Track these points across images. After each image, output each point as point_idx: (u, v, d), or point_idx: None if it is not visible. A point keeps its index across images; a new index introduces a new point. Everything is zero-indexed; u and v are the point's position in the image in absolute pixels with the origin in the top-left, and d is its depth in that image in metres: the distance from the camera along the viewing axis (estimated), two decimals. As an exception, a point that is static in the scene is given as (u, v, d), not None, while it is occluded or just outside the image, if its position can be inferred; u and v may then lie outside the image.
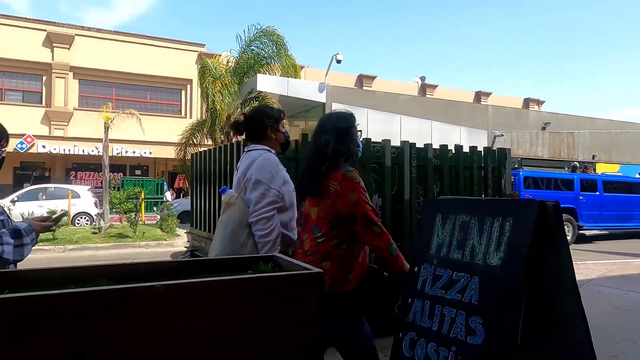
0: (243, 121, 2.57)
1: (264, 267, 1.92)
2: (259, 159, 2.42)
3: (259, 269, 1.86)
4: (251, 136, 2.56)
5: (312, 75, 22.86)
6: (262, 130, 2.52)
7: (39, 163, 22.69)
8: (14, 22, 21.78)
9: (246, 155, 2.52)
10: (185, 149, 16.41)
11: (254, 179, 2.37)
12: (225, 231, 2.35)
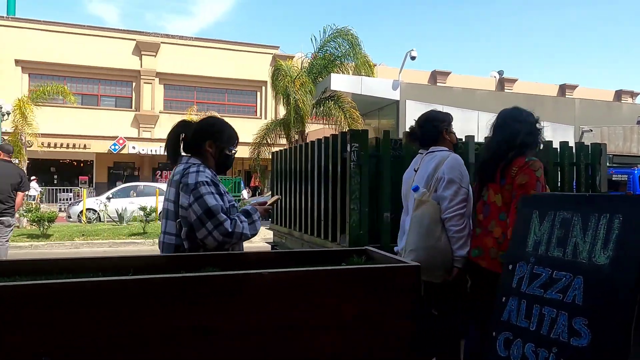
0: (417, 128, 2.80)
1: (357, 259, 1.96)
2: (449, 159, 2.59)
3: (352, 262, 1.91)
4: (427, 140, 2.77)
5: (384, 73, 22.67)
6: (438, 134, 2.74)
7: (129, 163, 24.52)
8: (107, 33, 23.68)
9: (430, 156, 2.70)
10: (259, 149, 16.95)
11: (447, 177, 2.53)
12: (421, 227, 2.52)
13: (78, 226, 13.43)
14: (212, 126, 2.31)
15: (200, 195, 2.03)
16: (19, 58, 21.97)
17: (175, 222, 2.13)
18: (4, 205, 5.92)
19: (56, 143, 20.96)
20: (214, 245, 2.01)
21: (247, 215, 2.18)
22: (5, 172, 5.97)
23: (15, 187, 6.01)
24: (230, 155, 2.33)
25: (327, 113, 15.20)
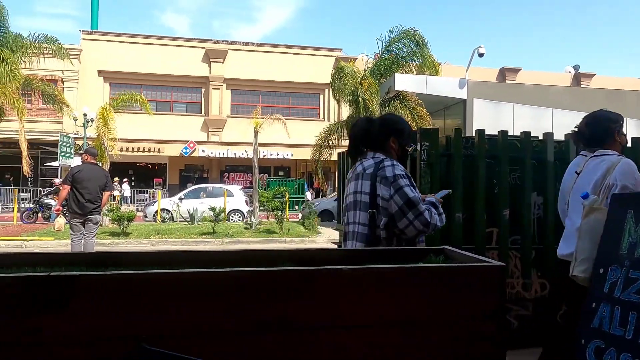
0: (584, 127, 2.70)
1: (434, 258, 1.92)
2: (621, 165, 2.48)
3: (430, 261, 1.87)
4: (595, 142, 2.64)
5: (449, 71, 22.09)
6: (609, 136, 2.61)
7: (198, 166, 25.64)
8: (178, 42, 24.93)
9: (597, 160, 2.58)
10: (320, 150, 17.08)
11: (620, 184, 2.42)
12: (594, 236, 2.42)
13: (153, 225, 14.22)
14: (396, 123, 2.41)
15: (400, 187, 2.15)
16: (102, 69, 23.66)
17: (367, 212, 2.22)
18: (93, 204, 6.40)
19: (133, 147, 22.34)
20: (414, 234, 2.16)
21: (435, 207, 2.27)
22: (93, 174, 6.45)
23: (102, 187, 6.49)
24: (409, 151, 2.43)
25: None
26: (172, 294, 1.30)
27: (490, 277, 1.55)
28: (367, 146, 2.36)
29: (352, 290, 1.44)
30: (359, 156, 2.39)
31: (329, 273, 1.44)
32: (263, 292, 1.36)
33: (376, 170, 2.21)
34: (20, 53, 17.12)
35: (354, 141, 2.41)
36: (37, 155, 21.85)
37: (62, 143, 16.69)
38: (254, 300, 1.34)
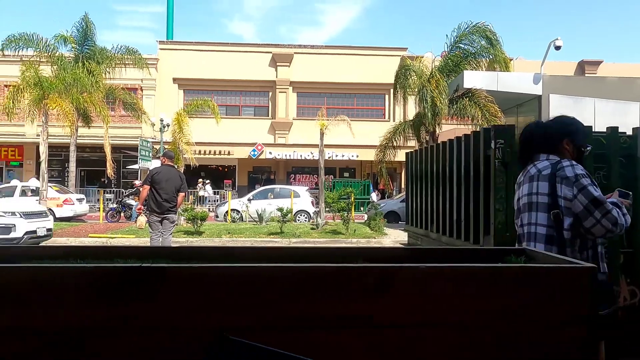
0: None
1: (514, 259, 1.85)
2: None
3: (510, 261, 1.80)
4: None
5: (521, 67, 21.07)
6: None
7: (266, 167, 26.31)
8: (246, 48, 25.76)
9: None
10: (384, 151, 16.90)
11: None
12: None
13: (224, 225, 14.79)
14: (570, 125, 2.41)
15: (583, 186, 2.15)
16: (176, 76, 24.98)
17: (547, 213, 2.24)
18: (169, 204, 6.78)
19: (205, 150, 23.36)
20: (602, 233, 2.14)
21: (618, 208, 2.22)
22: (169, 175, 6.83)
23: (177, 188, 6.85)
24: (585, 153, 2.41)
25: (461, 111, 14.58)
26: (255, 287, 1.35)
27: (578, 279, 1.47)
28: (539, 149, 2.36)
29: (430, 289, 1.42)
30: (529, 160, 2.39)
31: (410, 271, 1.43)
32: (344, 288, 1.37)
33: (554, 170, 2.22)
34: (105, 64, 18.50)
35: (525, 145, 2.43)
36: (119, 158, 23.46)
37: (141, 147, 17.79)
38: (335, 296, 1.36)
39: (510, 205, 3.54)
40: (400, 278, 1.39)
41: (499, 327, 1.43)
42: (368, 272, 1.39)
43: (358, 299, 1.36)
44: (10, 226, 9.10)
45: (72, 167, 18.71)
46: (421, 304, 1.40)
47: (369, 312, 1.36)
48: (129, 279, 1.33)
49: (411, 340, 1.39)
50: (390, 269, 1.41)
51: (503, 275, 1.47)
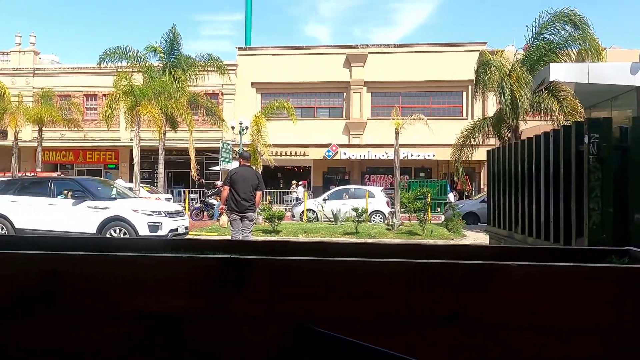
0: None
1: (615, 259, 1.70)
2: None
3: (611, 262, 1.66)
4: None
5: (616, 56, 19.35)
6: None
7: (340, 168, 26.47)
8: (320, 50, 26.10)
9: None
10: (460, 150, 16.30)
11: None
12: None
13: (300, 224, 15.08)
14: None
15: None
16: (254, 81, 25.89)
17: None
18: (248, 202, 7.03)
19: (281, 152, 23.99)
20: None
21: None
22: (247, 175, 7.08)
23: (254, 187, 7.07)
24: None
25: (539, 105, 13.70)
26: (340, 281, 1.36)
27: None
28: None
29: (525, 288, 1.35)
30: None
31: (496, 268, 1.37)
32: (431, 285, 1.35)
33: None
34: (190, 72, 19.63)
35: None
36: (202, 160, 24.76)
37: (222, 149, 18.65)
38: (420, 292, 1.34)
39: (607, 205, 3.27)
40: (490, 276, 1.34)
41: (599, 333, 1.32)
42: (455, 268, 1.35)
43: (443, 295, 1.33)
44: (158, 224, 9.93)
45: (161, 169, 20.04)
46: (512, 304, 1.33)
47: (455, 309, 1.33)
48: (220, 269, 1.40)
49: (503, 343, 1.33)
50: (480, 266, 1.36)
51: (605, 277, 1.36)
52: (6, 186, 11.15)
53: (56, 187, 10.65)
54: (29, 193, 10.68)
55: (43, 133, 21.52)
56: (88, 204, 9.99)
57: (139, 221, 9.77)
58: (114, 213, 9.86)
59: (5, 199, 10.45)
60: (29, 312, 1.36)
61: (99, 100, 26.12)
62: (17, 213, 10.24)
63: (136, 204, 10.79)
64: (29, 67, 26.93)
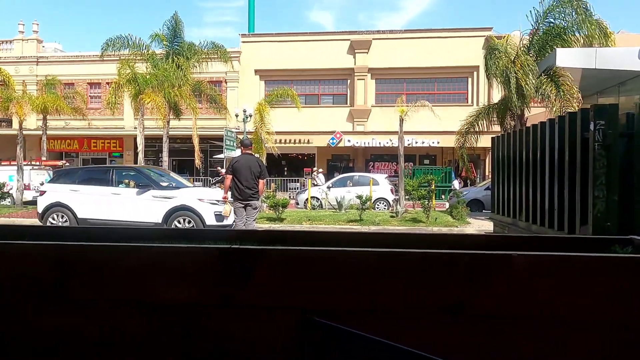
0: None
1: (619, 249, 1.70)
2: None
3: (615, 251, 1.66)
4: None
5: (625, 41, 19.07)
6: None
7: (344, 155, 26.42)
8: (324, 37, 25.87)
9: None
10: (465, 137, 16.21)
11: None
12: None
13: (304, 212, 15.11)
14: None
15: None
16: (258, 68, 25.75)
17: None
18: (251, 190, 7.03)
19: (285, 139, 23.95)
20: None
21: None
22: (249, 163, 7.06)
23: (257, 175, 7.05)
24: None
25: (537, 90, 13.54)
26: (342, 270, 1.36)
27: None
28: None
29: (528, 278, 1.35)
30: None
31: (497, 258, 1.37)
32: (436, 275, 1.34)
33: None
34: (194, 60, 19.53)
35: None
36: (206, 148, 24.75)
37: (226, 137, 18.62)
38: (425, 282, 1.33)
39: (612, 193, 3.24)
40: (494, 265, 1.34)
41: (603, 325, 1.32)
42: (461, 257, 1.35)
43: (447, 285, 1.33)
44: None
45: (165, 157, 20.06)
46: (516, 294, 1.33)
47: (459, 300, 1.32)
48: (225, 259, 1.40)
49: (507, 333, 1.33)
50: (484, 256, 1.35)
51: (608, 266, 1.35)
52: (66, 175, 10.95)
53: (117, 176, 10.39)
54: (90, 182, 10.38)
55: (47, 121, 21.57)
56: (153, 194, 9.74)
57: (205, 211, 9.50)
58: (180, 202, 9.59)
59: (66, 188, 10.16)
60: (39, 302, 1.37)
61: (103, 89, 26.09)
62: (79, 203, 9.96)
63: (201, 192, 10.56)
64: (33, 55, 26.88)
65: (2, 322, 1.40)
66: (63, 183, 10.34)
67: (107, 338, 1.39)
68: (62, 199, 10.04)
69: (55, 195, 10.11)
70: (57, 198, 10.06)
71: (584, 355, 1.30)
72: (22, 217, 13.80)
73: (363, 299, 1.34)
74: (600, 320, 1.32)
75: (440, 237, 1.87)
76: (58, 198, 10.05)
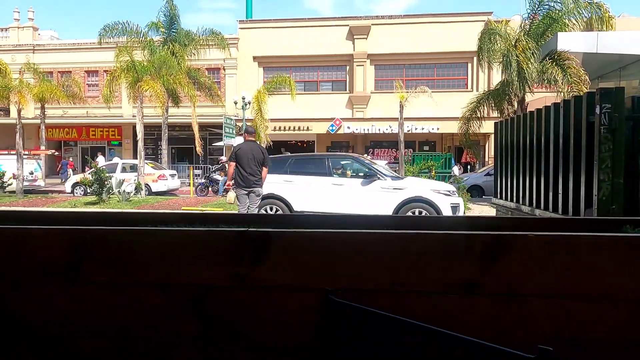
0: None
1: (630, 229, 1.71)
2: None
3: (626, 232, 1.67)
4: None
5: (626, 25, 18.97)
6: None
7: (344, 142, 26.37)
8: (323, 22, 25.65)
9: None
10: (468, 123, 16.19)
11: None
12: None
13: (305, 199, 15.10)
14: None
15: None
16: (256, 55, 25.56)
17: None
18: (254, 177, 7.05)
19: (284, 126, 23.89)
20: None
21: None
22: (252, 150, 7.06)
23: (260, 162, 7.07)
24: None
25: (542, 75, 13.47)
26: (357, 252, 1.37)
27: None
28: None
29: (543, 258, 1.36)
30: None
31: (515, 239, 1.38)
32: (451, 255, 1.36)
33: None
34: (191, 47, 19.38)
35: None
36: (206, 136, 24.70)
37: (225, 125, 18.58)
38: (440, 263, 1.35)
39: (617, 176, 3.26)
40: (509, 246, 1.35)
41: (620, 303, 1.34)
42: (476, 238, 1.36)
43: (467, 265, 1.34)
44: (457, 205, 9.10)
45: (164, 145, 20.03)
46: (531, 275, 1.35)
47: (475, 280, 1.34)
48: (241, 241, 1.41)
49: (519, 312, 1.35)
50: (499, 237, 1.37)
51: (625, 246, 1.37)
52: (277, 164, 9.68)
53: (334, 164, 9.57)
54: (305, 172, 9.47)
55: (45, 110, 21.45)
56: (381, 184, 8.94)
57: (441, 202, 8.72)
58: (414, 194, 8.84)
59: (279, 178, 9.24)
60: (56, 285, 1.39)
61: (100, 77, 25.92)
62: (294, 194, 9.17)
63: (432, 184, 9.95)
64: (29, 43, 26.64)
65: (21, 304, 1.42)
66: (277, 173, 9.24)
67: (123, 321, 1.41)
68: (276, 190, 9.15)
69: (267, 187, 8.61)
70: (271, 189, 8.99)
71: (602, 332, 1.33)
72: (22, 207, 13.80)
73: (383, 279, 1.35)
74: (615, 299, 1.34)
75: (456, 220, 1.89)
76: (271, 189, 9.03)
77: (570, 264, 1.35)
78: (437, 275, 1.33)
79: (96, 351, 1.44)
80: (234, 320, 1.41)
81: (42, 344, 1.44)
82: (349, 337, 1.34)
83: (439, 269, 1.34)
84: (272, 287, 1.39)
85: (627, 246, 1.36)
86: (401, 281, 1.34)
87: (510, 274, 1.35)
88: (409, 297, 1.34)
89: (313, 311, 1.37)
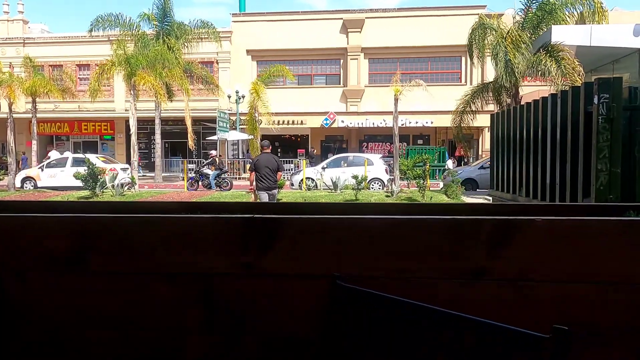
0: None
1: (633, 214, 1.72)
2: None
3: (629, 217, 1.68)
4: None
5: (619, 19, 19.05)
6: None
7: (338, 136, 26.36)
8: (317, 16, 25.54)
9: None
10: (461, 117, 16.23)
11: None
12: None
13: (300, 192, 15.13)
14: None
15: None
16: (249, 48, 25.42)
17: None
18: (270, 181, 8.44)
19: (278, 120, 23.81)
20: None
21: None
22: (266, 161, 8.47)
23: (275, 169, 8.51)
24: None
25: (537, 67, 13.48)
26: (364, 237, 1.37)
27: None
28: None
29: (550, 243, 1.36)
30: None
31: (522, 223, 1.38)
32: (459, 240, 1.35)
33: None
34: (183, 39, 19.23)
35: None
36: (199, 130, 24.56)
37: (219, 119, 18.50)
38: (448, 248, 1.35)
39: (615, 165, 3.28)
40: (516, 231, 1.35)
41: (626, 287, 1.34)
42: (483, 223, 1.36)
43: (473, 250, 1.34)
44: None
45: (158, 139, 19.90)
46: (538, 259, 1.35)
47: (482, 265, 1.34)
48: (248, 228, 1.40)
49: (526, 296, 1.35)
50: (506, 221, 1.37)
51: (630, 230, 1.37)
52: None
53: None
54: None
55: (37, 104, 21.22)
56: None
57: None
58: None
59: None
60: (62, 274, 1.37)
61: (92, 70, 25.66)
62: None
63: None
64: (19, 36, 26.30)
65: (26, 293, 1.40)
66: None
67: (129, 310, 1.40)
68: None
69: None
70: None
71: (609, 316, 1.33)
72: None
73: (391, 265, 1.35)
74: (621, 283, 1.35)
75: (459, 207, 1.89)
76: None
77: (577, 248, 1.35)
78: (446, 260, 1.33)
79: (102, 341, 1.43)
80: (241, 309, 1.40)
81: (47, 334, 1.42)
82: (359, 322, 1.34)
83: (447, 254, 1.34)
84: (279, 274, 1.39)
85: (633, 230, 1.36)
86: (409, 266, 1.34)
87: (518, 259, 1.35)
88: (417, 282, 1.34)
89: (322, 298, 1.37)
